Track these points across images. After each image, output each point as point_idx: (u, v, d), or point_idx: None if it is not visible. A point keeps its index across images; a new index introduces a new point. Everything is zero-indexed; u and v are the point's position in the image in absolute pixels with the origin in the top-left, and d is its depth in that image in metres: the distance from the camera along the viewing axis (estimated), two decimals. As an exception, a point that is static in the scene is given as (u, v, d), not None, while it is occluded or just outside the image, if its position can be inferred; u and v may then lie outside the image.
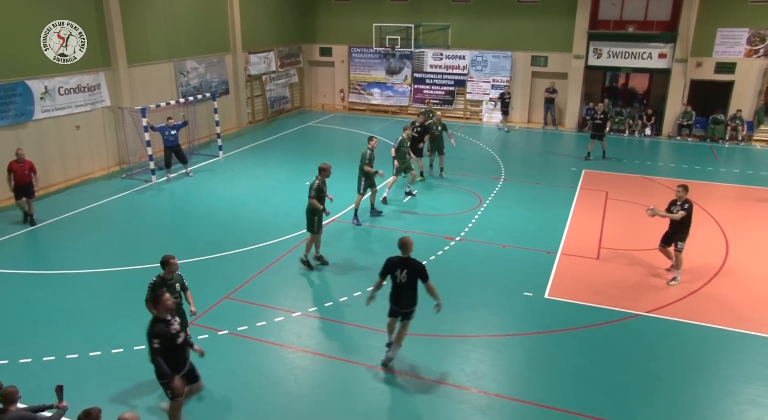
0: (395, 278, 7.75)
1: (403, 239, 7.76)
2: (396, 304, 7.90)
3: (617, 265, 11.28)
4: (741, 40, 20.97)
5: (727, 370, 8.05)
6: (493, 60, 24.29)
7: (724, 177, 17.29)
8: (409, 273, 7.65)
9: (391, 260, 7.79)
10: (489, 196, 15.10)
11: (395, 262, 7.74)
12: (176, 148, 16.22)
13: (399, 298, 7.83)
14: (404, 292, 7.76)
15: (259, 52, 23.71)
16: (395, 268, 7.72)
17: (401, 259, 7.73)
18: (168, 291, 6.80)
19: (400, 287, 7.75)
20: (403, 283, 7.71)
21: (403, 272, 7.67)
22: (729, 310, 9.60)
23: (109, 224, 13.31)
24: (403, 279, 7.69)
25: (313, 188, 10.81)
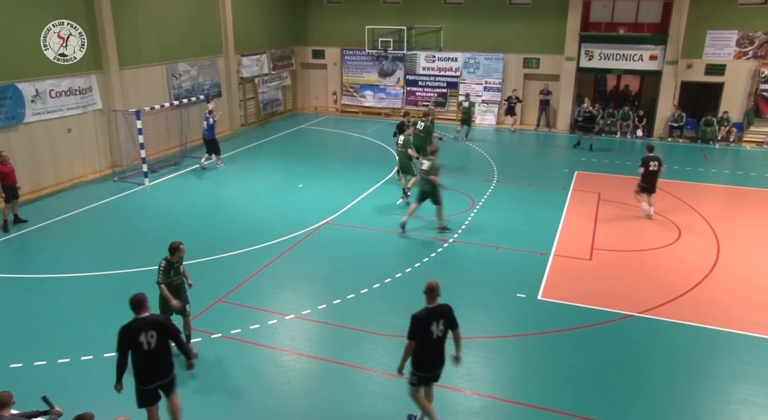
0: (430, 334, 6.35)
1: (431, 284, 6.40)
2: (431, 367, 6.54)
3: (610, 266, 11.32)
4: (730, 42, 21.16)
5: (718, 369, 8.09)
6: (486, 62, 24.37)
7: (714, 178, 17.41)
8: (446, 323, 6.41)
9: (420, 316, 6.32)
10: (482, 198, 15.13)
11: (428, 316, 6.34)
12: (211, 140, 17.34)
13: (434, 359, 6.51)
14: (439, 349, 6.49)
15: (251, 55, 23.69)
16: (430, 322, 6.34)
17: (435, 310, 6.38)
18: (174, 273, 8.00)
19: (436, 344, 6.43)
20: (441, 338, 6.40)
21: (439, 325, 6.37)
22: (720, 310, 9.65)
23: (100, 228, 13.24)
24: (440, 333, 6.38)
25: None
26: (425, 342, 6.34)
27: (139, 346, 6.12)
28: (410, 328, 6.35)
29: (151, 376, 6.28)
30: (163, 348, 6.26)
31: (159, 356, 6.23)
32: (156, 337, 6.17)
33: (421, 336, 6.32)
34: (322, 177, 16.88)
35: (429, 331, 6.31)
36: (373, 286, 10.38)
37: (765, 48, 20.82)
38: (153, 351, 6.17)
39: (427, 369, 6.51)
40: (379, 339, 8.76)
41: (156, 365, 6.27)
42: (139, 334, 6.12)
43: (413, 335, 6.34)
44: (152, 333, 6.15)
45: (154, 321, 6.23)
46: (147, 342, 6.13)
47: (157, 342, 6.19)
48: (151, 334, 6.15)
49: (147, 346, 6.13)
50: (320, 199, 14.93)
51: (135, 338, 6.11)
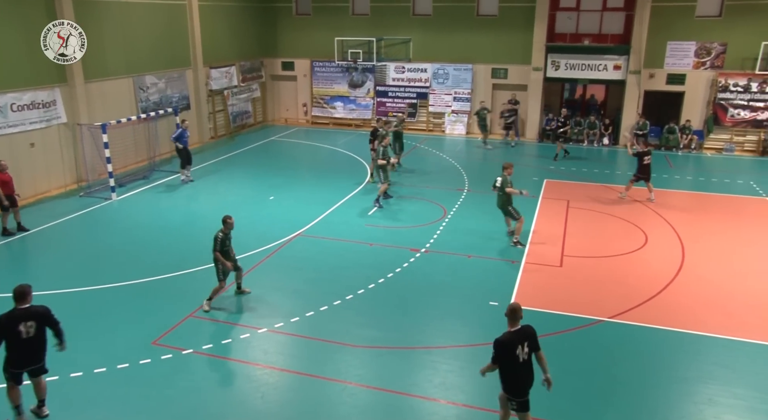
0: (516, 358, 6.22)
1: (513, 306, 6.39)
2: (522, 392, 6.40)
3: (580, 273, 11.51)
4: (689, 52, 21.85)
5: (685, 371, 8.28)
6: (455, 72, 24.66)
7: (678, 184, 17.86)
8: (530, 345, 6.29)
9: (504, 340, 6.23)
10: (453, 207, 15.25)
11: (513, 340, 6.23)
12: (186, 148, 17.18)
13: (524, 382, 6.39)
14: (527, 372, 6.36)
15: (220, 67, 23.55)
16: (515, 346, 6.21)
17: (518, 333, 6.28)
18: (229, 243, 9.80)
19: (524, 367, 6.30)
20: (527, 361, 6.28)
21: (524, 348, 6.23)
22: (686, 314, 9.88)
23: (66, 244, 12.96)
24: (525, 356, 6.25)
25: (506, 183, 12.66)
26: (513, 366, 6.23)
27: (17, 334, 6.72)
28: (494, 354, 6.28)
29: (24, 361, 6.92)
30: (41, 337, 6.93)
31: (35, 344, 6.89)
32: (35, 327, 6.82)
33: (508, 359, 6.22)
34: (294, 189, 16.82)
35: (515, 355, 6.19)
36: (346, 297, 10.36)
37: (721, 59, 21.55)
38: (30, 339, 6.81)
39: (519, 393, 6.39)
40: (353, 350, 8.74)
41: (30, 352, 6.91)
42: (18, 323, 6.71)
43: (497, 360, 6.29)
44: (31, 323, 6.80)
45: (34, 312, 6.86)
46: (26, 331, 6.76)
47: (36, 331, 6.84)
48: (30, 324, 6.79)
49: (25, 334, 6.76)
50: (292, 211, 14.87)
51: (14, 327, 6.70)
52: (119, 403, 7.51)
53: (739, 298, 10.43)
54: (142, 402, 7.54)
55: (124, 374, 8.09)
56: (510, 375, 6.33)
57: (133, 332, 9.15)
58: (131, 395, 7.65)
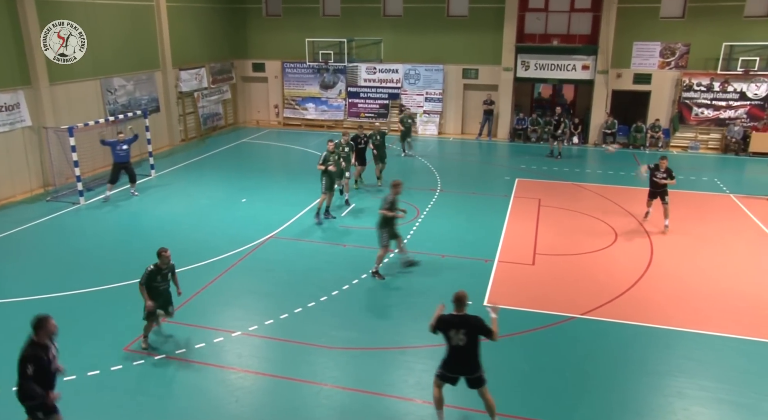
0: (450, 339, 6.73)
1: (459, 294, 6.80)
2: (452, 371, 6.92)
3: (552, 270, 11.67)
4: (654, 52, 22.34)
5: (654, 365, 8.46)
6: (426, 73, 24.79)
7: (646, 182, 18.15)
8: (467, 332, 6.67)
9: (444, 317, 6.77)
10: (426, 207, 15.33)
11: (452, 321, 6.71)
12: (126, 164, 15.75)
13: (455, 364, 6.86)
14: (460, 356, 6.80)
15: (190, 69, 23.26)
16: (450, 327, 6.71)
17: (459, 317, 6.73)
18: (162, 279, 8.53)
19: (457, 351, 6.76)
20: (461, 347, 6.72)
21: (459, 333, 6.66)
22: (655, 309, 10.10)
23: (33, 250, 12.65)
24: (460, 341, 6.68)
25: (386, 201, 11.09)
26: (448, 344, 6.76)
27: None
28: (434, 323, 6.80)
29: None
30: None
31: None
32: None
33: (444, 336, 6.73)
34: (266, 191, 16.71)
35: (449, 335, 6.68)
36: (320, 299, 10.33)
37: (685, 59, 22.08)
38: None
39: (449, 370, 6.88)
40: (329, 352, 8.72)
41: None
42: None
43: (433, 329, 6.82)
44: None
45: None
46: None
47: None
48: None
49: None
50: (264, 213, 14.77)
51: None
52: (91, 411, 7.36)
53: (705, 293, 10.70)
54: (114, 409, 7.41)
55: (95, 381, 7.94)
56: (448, 352, 6.83)
57: (104, 338, 8.99)
58: (103, 402, 7.51)
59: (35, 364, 6.01)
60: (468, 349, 6.72)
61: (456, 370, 6.89)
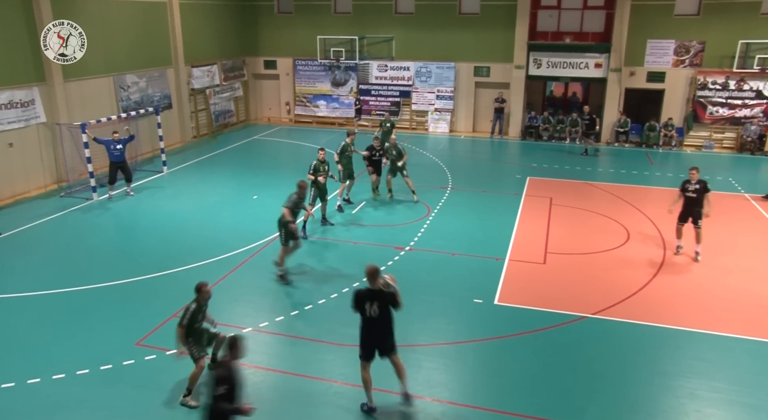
0: (365, 312, 7.07)
1: (370, 268, 7.17)
2: (369, 345, 7.23)
3: (563, 269, 11.62)
4: (669, 50, 22.13)
5: (666, 365, 8.41)
6: (437, 71, 24.73)
7: (659, 181, 18.09)
8: (380, 305, 7.04)
9: (359, 292, 7.15)
10: (437, 206, 15.31)
11: (366, 295, 7.08)
12: (122, 163, 15.69)
13: (372, 337, 7.20)
14: (376, 329, 7.14)
15: (202, 66, 23.38)
16: (364, 301, 7.06)
17: (373, 291, 7.08)
18: (202, 317, 7.58)
19: (372, 324, 7.10)
20: (375, 319, 7.06)
21: (373, 305, 7.02)
22: (667, 309, 10.03)
23: (46, 245, 12.79)
24: (374, 313, 7.02)
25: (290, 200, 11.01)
26: (363, 319, 7.13)
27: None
28: (351, 302, 7.22)
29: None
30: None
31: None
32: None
33: (360, 311, 7.10)
34: (277, 188, 16.71)
35: (364, 308, 7.05)
36: (330, 296, 10.36)
37: (700, 57, 21.85)
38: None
39: (367, 345, 7.23)
40: (338, 349, 8.75)
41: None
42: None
43: (353, 308, 7.18)
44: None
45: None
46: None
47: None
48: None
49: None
50: (275, 210, 14.71)
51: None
52: (103, 405, 7.44)
53: (718, 294, 10.61)
54: (126, 403, 7.48)
55: (107, 375, 8.02)
56: (362, 328, 7.18)
57: (116, 333, 9.07)
58: (115, 396, 7.59)
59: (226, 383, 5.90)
60: (379, 322, 7.07)
61: (372, 344, 7.22)
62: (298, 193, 11.24)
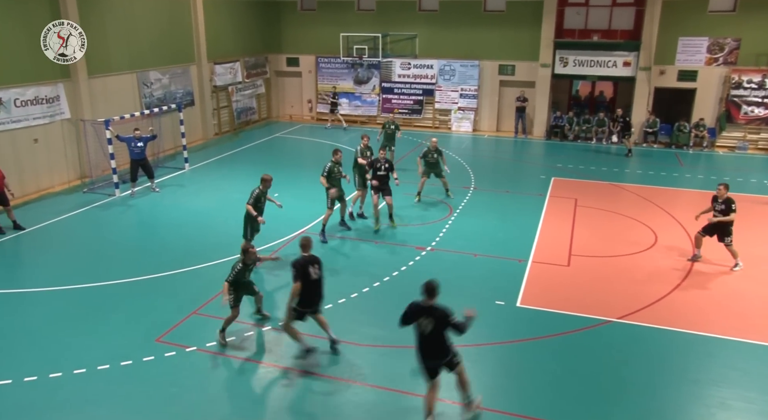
0: (309, 275, 8.17)
1: (303, 240, 8.35)
2: (314, 303, 8.45)
3: (588, 272, 11.47)
4: (701, 48, 21.70)
5: (696, 373, 8.23)
6: (461, 69, 24.61)
7: (689, 183, 17.76)
8: (319, 266, 8.27)
9: (301, 261, 8.14)
10: (459, 206, 15.22)
11: (308, 261, 8.21)
12: (143, 160, 15.88)
13: (315, 295, 8.37)
14: (318, 288, 8.33)
15: (224, 63, 23.57)
16: (308, 266, 8.15)
17: (310, 257, 8.22)
18: (248, 273, 8.97)
19: (314, 285, 8.25)
20: (317, 280, 8.24)
21: (315, 268, 8.19)
22: (697, 315, 9.82)
23: (69, 240, 13.01)
24: (315, 275, 8.19)
25: (252, 196, 11.30)
26: (308, 283, 8.07)
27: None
28: (294, 273, 8.03)
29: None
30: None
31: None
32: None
33: (305, 278, 8.04)
34: (297, 186, 16.82)
35: (308, 272, 8.07)
36: (351, 295, 10.36)
37: (734, 55, 21.40)
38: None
39: (311, 304, 8.32)
40: (358, 349, 8.74)
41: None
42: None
43: (297, 278, 8.00)
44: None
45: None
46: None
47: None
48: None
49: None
50: (295, 208, 14.85)
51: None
52: (122, 401, 7.53)
53: (751, 300, 10.36)
54: (146, 399, 7.56)
55: (127, 371, 8.11)
56: (305, 292, 8.06)
57: (137, 329, 9.18)
58: (134, 392, 7.67)
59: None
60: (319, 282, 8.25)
61: (316, 302, 8.36)
62: (261, 186, 11.42)
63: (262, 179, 11.53)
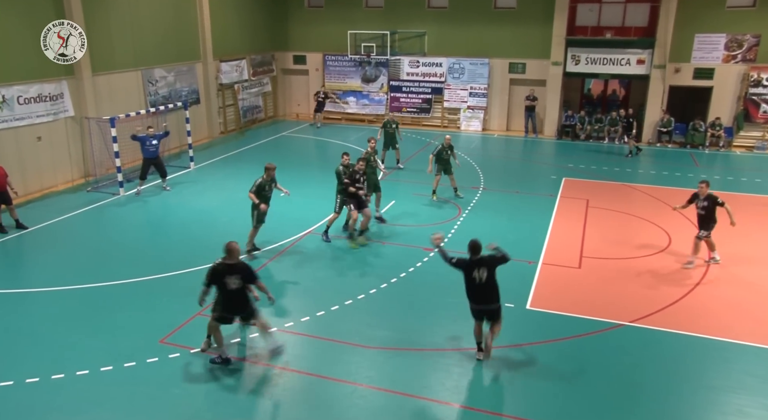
0: (226, 284, 7.97)
1: (229, 246, 8.13)
2: (234, 311, 8.24)
3: (599, 274, 11.39)
4: (719, 45, 21.49)
5: (712, 379, 8.14)
6: (471, 67, 24.55)
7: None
8: (241, 278, 7.99)
9: (217, 268, 8.01)
10: (468, 206, 15.17)
11: (224, 270, 7.97)
12: (156, 159, 15.97)
13: (235, 304, 8.13)
14: (238, 297, 8.09)
15: (230, 61, 23.63)
16: (224, 275, 7.94)
17: (231, 265, 8.03)
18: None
19: (234, 294, 8.03)
20: (237, 289, 8.02)
21: (233, 278, 7.95)
22: (713, 319, 9.73)
23: (72, 240, 13.06)
24: (234, 285, 7.96)
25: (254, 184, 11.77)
26: (225, 291, 7.96)
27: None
28: (207, 280, 8.01)
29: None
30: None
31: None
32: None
33: (220, 285, 7.94)
34: (305, 186, 16.80)
35: (224, 282, 7.89)
36: (357, 297, 10.34)
37: (754, 51, 21.19)
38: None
39: (232, 312, 8.16)
40: (364, 352, 8.72)
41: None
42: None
43: (209, 284, 7.99)
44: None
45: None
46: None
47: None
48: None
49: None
50: (302, 208, 14.86)
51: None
52: (125, 403, 7.54)
53: (768, 303, 10.26)
54: (149, 401, 7.57)
55: (131, 373, 8.12)
56: (224, 299, 8.00)
57: (140, 330, 9.19)
58: (138, 394, 7.68)
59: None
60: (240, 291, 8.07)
61: (236, 310, 8.17)
62: (265, 175, 11.78)
63: (265, 168, 11.90)
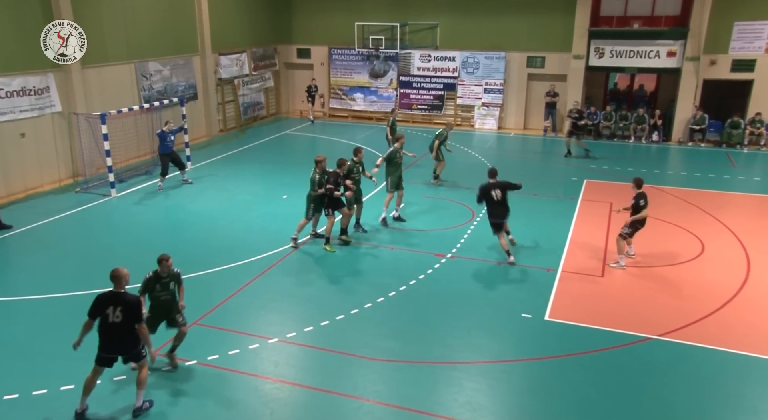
0: (106, 317, 7.31)
1: (117, 272, 7.46)
2: (111, 350, 7.47)
3: (625, 284, 11.31)
4: (761, 34, 21.11)
5: (754, 400, 8.01)
6: (486, 61, 24.53)
7: (742, 186, 17.48)
8: (123, 311, 7.26)
9: (100, 298, 7.38)
10: (482, 210, 15.07)
11: (106, 300, 7.33)
12: (172, 154, 16.40)
13: (114, 338, 7.39)
14: (117, 333, 7.35)
15: (230, 54, 23.74)
16: (107, 306, 7.29)
17: (114, 295, 7.34)
18: (162, 288, 8.22)
19: (112, 327, 7.33)
20: (117, 324, 7.30)
21: (116, 311, 7.27)
22: (752, 334, 9.58)
23: (59, 244, 13.11)
24: (116, 319, 7.28)
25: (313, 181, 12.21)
26: (104, 323, 7.35)
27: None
28: (90, 309, 7.39)
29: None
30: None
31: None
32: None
33: (100, 317, 7.34)
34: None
35: (105, 314, 7.30)
36: (364, 306, 10.31)
37: (799, 41, 20.90)
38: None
39: (109, 350, 7.44)
40: (371, 364, 8.69)
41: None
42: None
43: (93, 315, 7.37)
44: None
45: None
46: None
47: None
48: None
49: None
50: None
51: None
52: (117, 418, 7.52)
53: (810, 316, 10.13)
54: (142, 417, 7.55)
55: (120, 387, 8.11)
56: (102, 332, 7.38)
57: (131, 340, 9.17)
58: (129, 409, 7.66)
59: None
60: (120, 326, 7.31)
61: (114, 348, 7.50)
62: (317, 167, 12.47)
63: (315, 161, 12.71)
